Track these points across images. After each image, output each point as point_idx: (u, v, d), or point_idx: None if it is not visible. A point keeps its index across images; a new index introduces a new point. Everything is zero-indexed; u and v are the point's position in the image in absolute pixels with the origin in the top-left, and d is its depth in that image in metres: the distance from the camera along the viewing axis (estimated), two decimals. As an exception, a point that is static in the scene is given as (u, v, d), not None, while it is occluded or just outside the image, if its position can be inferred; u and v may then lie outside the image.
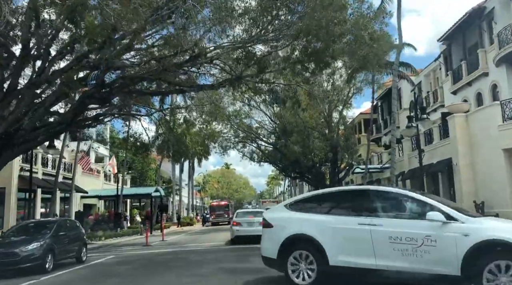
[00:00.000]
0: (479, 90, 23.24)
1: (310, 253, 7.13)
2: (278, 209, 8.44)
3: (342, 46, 12.14)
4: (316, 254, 7.06)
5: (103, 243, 22.61)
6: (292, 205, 7.92)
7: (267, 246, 7.70)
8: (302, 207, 7.74)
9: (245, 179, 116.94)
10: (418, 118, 15.70)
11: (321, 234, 7.06)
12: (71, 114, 13.92)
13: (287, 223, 7.52)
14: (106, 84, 13.19)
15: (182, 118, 22.43)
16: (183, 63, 13.53)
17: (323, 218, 7.28)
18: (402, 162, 25.52)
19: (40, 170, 26.51)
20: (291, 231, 7.36)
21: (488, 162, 17.89)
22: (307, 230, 7.22)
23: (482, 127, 18.45)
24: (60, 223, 12.94)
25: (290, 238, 7.31)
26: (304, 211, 7.62)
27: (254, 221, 18.26)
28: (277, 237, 7.46)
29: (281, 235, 7.40)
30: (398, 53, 20.06)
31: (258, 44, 14.09)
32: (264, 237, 7.90)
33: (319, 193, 8.47)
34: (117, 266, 12.32)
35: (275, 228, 7.61)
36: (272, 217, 7.94)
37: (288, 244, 7.31)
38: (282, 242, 7.33)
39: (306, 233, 7.20)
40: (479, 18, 22.73)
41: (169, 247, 18.86)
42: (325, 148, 32.20)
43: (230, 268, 10.63)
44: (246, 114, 35.64)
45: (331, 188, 10.92)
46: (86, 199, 34.07)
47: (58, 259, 11.98)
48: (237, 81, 13.51)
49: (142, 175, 50.34)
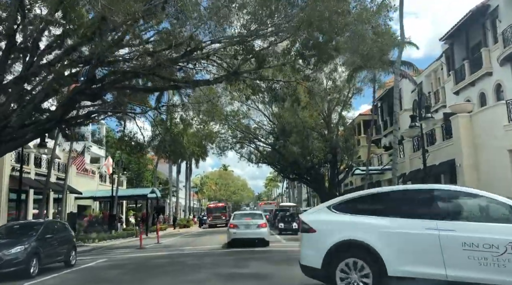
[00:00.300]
0: (483, 90, 22.75)
1: (364, 261, 6.22)
2: (319, 211, 7.37)
3: (346, 39, 11.56)
4: (371, 263, 6.17)
5: (96, 246, 21.98)
6: (338, 207, 6.92)
7: (309, 254, 6.79)
8: (352, 209, 6.77)
9: (243, 181, 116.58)
10: (422, 117, 15.15)
11: (378, 240, 6.17)
12: (61, 111, 13.31)
13: (335, 227, 6.62)
14: (97, 79, 12.60)
15: (178, 117, 21.80)
16: (178, 58, 12.95)
17: (379, 221, 6.35)
18: (403, 164, 25.01)
19: (33, 170, 25.90)
20: (341, 236, 6.44)
21: (492, 163, 17.41)
22: (360, 235, 6.32)
23: (487, 128, 18.00)
24: (47, 225, 12.29)
25: (339, 245, 6.40)
26: (354, 213, 6.66)
27: (251, 224, 17.70)
28: (322, 243, 6.53)
29: (328, 241, 6.48)
30: (400, 51, 19.57)
31: (257, 40, 13.56)
32: (304, 243, 6.98)
33: (373, 192, 7.46)
34: (107, 271, 11.69)
35: (319, 233, 6.69)
36: (314, 221, 6.92)
37: (337, 251, 6.41)
38: (328, 249, 6.43)
39: (359, 239, 6.29)
40: (482, 16, 22.25)
41: (163, 250, 18.24)
42: (325, 149, 31.68)
43: (227, 274, 10.04)
44: (244, 114, 35.11)
45: (387, 187, 9.98)
46: (80, 200, 33.43)
47: (45, 263, 11.34)
48: (234, 76, 12.93)
49: (139, 176, 49.74)
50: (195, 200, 79.76)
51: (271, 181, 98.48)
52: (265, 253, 14.68)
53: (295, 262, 11.89)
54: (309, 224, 6.90)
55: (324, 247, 6.47)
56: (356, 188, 38.01)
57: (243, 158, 39.51)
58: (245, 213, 23.80)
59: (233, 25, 13.10)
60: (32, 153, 25.20)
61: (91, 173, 36.16)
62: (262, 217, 18.69)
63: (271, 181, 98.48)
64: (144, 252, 17.75)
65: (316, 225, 6.80)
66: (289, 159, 32.88)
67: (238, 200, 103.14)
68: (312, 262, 6.69)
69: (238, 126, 35.52)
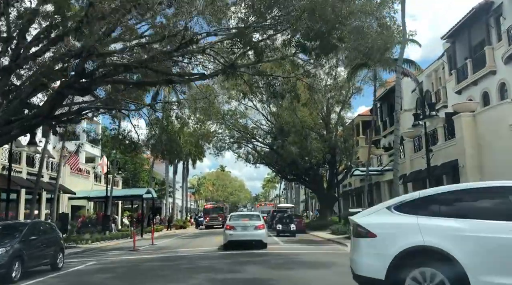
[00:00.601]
0: (486, 89, 22.25)
1: (439, 271, 5.32)
2: (377, 212, 6.33)
3: (350, 29, 10.95)
4: (449, 273, 5.27)
5: (88, 247, 21.31)
6: (400, 207, 5.98)
7: (368, 263, 5.81)
8: (419, 210, 5.83)
9: (240, 182, 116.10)
10: (426, 116, 14.58)
11: (456, 246, 5.29)
12: (48, 106, 12.66)
13: (399, 231, 5.72)
14: (87, 73, 11.98)
15: (174, 115, 21.19)
16: (172, 52, 12.33)
17: (456, 224, 5.47)
18: (404, 165, 24.48)
19: (25, 170, 25.22)
20: (409, 242, 5.55)
21: (498, 164, 16.88)
22: (433, 241, 5.42)
23: (492, 127, 17.52)
24: (32, 226, 11.62)
25: (407, 252, 5.50)
26: (422, 214, 5.74)
27: (248, 225, 17.12)
28: (385, 250, 5.64)
29: (392, 247, 5.58)
30: (402, 48, 19.00)
31: (256, 34, 12.97)
32: (361, 250, 5.98)
33: (444, 190, 6.34)
34: (95, 274, 11.04)
35: (381, 238, 5.76)
36: (373, 224, 5.95)
37: (405, 259, 5.51)
38: (394, 257, 5.52)
39: (432, 245, 5.40)
40: (486, 14, 21.76)
41: (157, 252, 17.60)
42: (323, 149, 31.14)
43: (221, 280, 9.44)
44: (241, 114, 34.56)
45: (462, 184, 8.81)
46: (74, 201, 32.71)
47: (29, 267, 10.68)
48: (231, 69, 12.32)
49: (135, 176, 49.05)
50: (192, 201, 79.07)
51: (268, 182, 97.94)
52: (262, 256, 14.09)
53: (294, 266, 11.37)
54: (367, 227, 5.94)
55: (388, 254, 5.58)
56: (355, 189, 37.58)
57: (241, 159, 38.96)
58: (242, 214, 23.22)
59: (230, 16, 12.51)
60: (24, 151, 24.55)
61: (85, 173, 35.45)
62: (259, 218, 18.10)
63: (268, 182, 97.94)
64: (137, 254, 17.10)
65: (376, 229, 5.87)
66: (287, 159, 32.35)
67: (235, 201, 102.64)
68: (373, 272, 5.74)
69: (236, 125, 34.95)
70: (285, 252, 15.78)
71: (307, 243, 20.76)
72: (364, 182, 27.46)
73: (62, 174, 29.27)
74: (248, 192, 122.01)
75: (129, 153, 23.82)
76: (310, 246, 18.64)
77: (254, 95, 26.81)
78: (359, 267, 5.97)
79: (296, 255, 14.30)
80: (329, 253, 15.00)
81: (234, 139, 37.06)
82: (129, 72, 13.02)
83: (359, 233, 6.02)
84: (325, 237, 23.17)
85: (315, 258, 13.12)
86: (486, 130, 17.93)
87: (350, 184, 38.30)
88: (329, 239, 22.00)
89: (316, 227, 30.13)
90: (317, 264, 11.70)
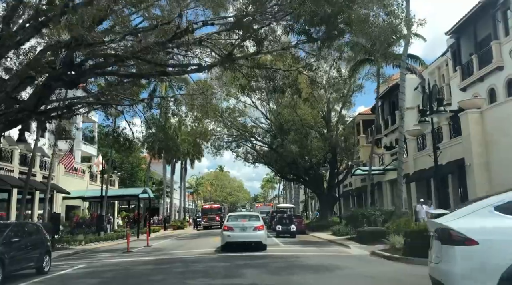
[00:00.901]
0: (492, 86, 21.59)
1: None
2: (475, 214, 5.16)
3: (358, 15, 10.21)
4: None
5: (81, 248, 20.56)
6: (508, 208, 4.96)
7: (468, 276, 4.85)
8: None
9: (239, 182, 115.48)
10: (434, 111, 13.89)
11: None
12: (34, 100, 11.92)
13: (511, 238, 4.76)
14: (76, 64, 11.26)
15: (170, 112, 20.43)
16: (166, 42, 11.61)
17: None
18: (407, 164, 23.79)
19: (17, 168, 24.46)
20: None
21: (506, 162, 16.22)
22: None
23: (500, 124, 16.88)
24: (16, 227, 10.89)
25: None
26: None
27: (247, 226, 16.43)
28: (491, 261, 4.74)
29: (502, 258, 4.67)
30: (406, 43, 18.36)
31: (255, 24, 12.25)
32: (455, 261, 4.97)
33: None
34: (82, 279, 10.31)
35: (485, 247, 4.80)
36: (472, 229, 4.94)
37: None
38: (506, 270, 4.62)
39: None
40: (493, 8, 21.08)
41: (152, 254, 16.86)
42: (324, 148, 30.42)
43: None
44: (240, 112, 33.82)
45: None
46: (69, 201, 31.93)
47: (11, 271, 9.92)
48: (229, 59, 11.60)
49: (132, 176, 48.32)
50: (190, 201, 78.33)
51: (267, 182, 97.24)
52: (262, 259, 13.38)
53: (296, 270, 10.63)
54: (465, 233, 4.92)
55: (496, 267, 4.68)
56: (356, 189, 36.91)
57: (239, 158, 38.21)
58: (241, 214, 22.47)
59: (228, 7, 11.81)
60: (16, 150, 23.81)
61: (80, 172, 34.67)
62: (259, 219, 17.38)
63: (267, 182, 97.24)
64: (130, 256, 16.37)
65: (477, 235, 4.88)
66: (287, 158, 31.64)
67: (234, 201, 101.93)
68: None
69: (234, 124, 34.22)
70: (285, 254, 15.08)
71: (308, 244, 20.05)
72: (365, 182, 26.82)
73: (56, 173, 28.52)
74: (246, 192, 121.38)
75: (124, 151, 23.04)
76: (311, 248, 17.92)
77: (253, 91, 26.05)
78: (454, 281, 4.99)
79: (297, 258, 13.59)
80: (332, 256, 14.29)
81: (233, 137, 36.33)
82: (120, 63, 12.29)
83: (453, 240, 5.01)
84: (326, 238, 22.47)
85: (317, 261, 12.39)
86: (493, 128, 17.30)
87: (351, 184, 37.64)
88: (330, 240, 21.31)
89: (317, 228, 29.45)
90: (320, 267, 10.98)
